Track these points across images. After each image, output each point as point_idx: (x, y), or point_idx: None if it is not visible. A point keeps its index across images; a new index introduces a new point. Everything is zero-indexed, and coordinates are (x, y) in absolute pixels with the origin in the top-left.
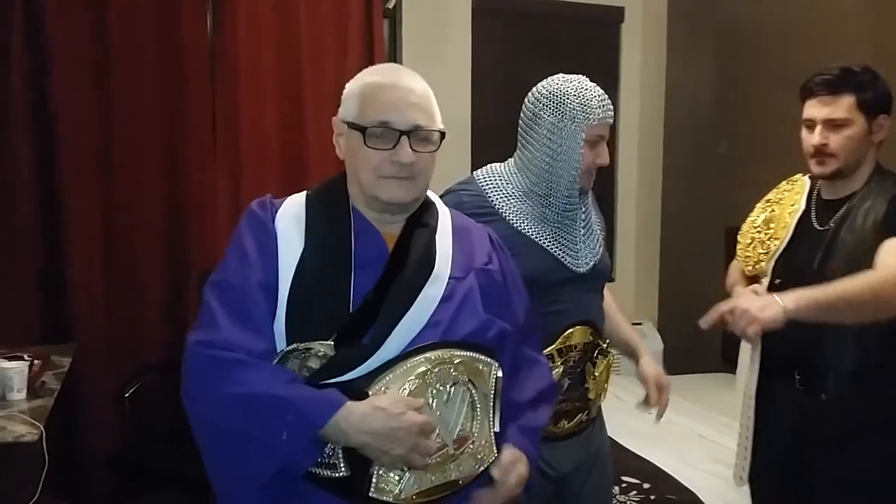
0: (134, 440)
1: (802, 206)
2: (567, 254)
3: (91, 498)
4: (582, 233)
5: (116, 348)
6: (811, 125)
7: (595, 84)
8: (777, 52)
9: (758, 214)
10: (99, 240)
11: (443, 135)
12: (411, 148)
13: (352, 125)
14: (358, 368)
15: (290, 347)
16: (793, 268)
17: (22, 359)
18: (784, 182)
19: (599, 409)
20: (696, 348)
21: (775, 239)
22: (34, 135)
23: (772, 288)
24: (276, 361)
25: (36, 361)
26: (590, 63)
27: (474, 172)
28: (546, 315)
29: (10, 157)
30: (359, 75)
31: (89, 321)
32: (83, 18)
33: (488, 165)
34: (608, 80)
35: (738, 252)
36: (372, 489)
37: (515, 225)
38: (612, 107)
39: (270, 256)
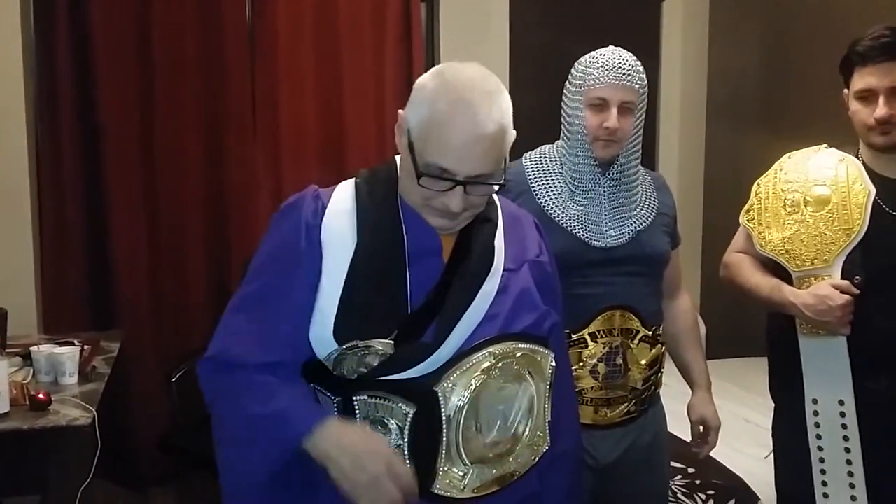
0: (182, 422)
1: (872, 187)
2: (590, 232)
3: (141, 479)
4: (607, 209)
5: (162, 333)
6: (869, 95)
7: (622, 52)
8: (824, 28)
9: (787, 198)
10: (143, 227)
11: (502, 186)
12: (466, 192)
13: (411, 147)
14: (420, 366)
15: (349, 345)
16: (877, 262)
17: (72, 344)
18: (793, 156)
19: (654, 399)
20: (741, 332)
21: (844, 229)
22: (80, 128)
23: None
24: (333, 359)
25: (86, 347)
26: (630, 43)
27: (525, 154)
28: (576, 297)
29: (57, 147)
30: (436, 83)
31: (135, 307)
32: (125, 7)
33: (541, 146)
34: (649, 59)
35: (773, 248)
36: (437, 485)
37: (542, 204)
38: (624, 70)
39: (310, 267)
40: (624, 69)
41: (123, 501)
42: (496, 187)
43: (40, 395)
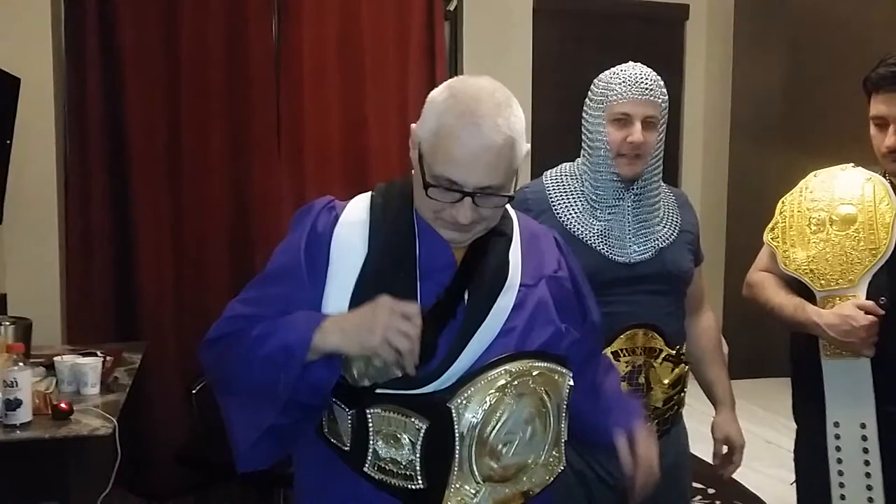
0: (201, 435)
1: None
2: (614, 248)
3: (159, 490)
4: (630, 224)
5: (184, 346)
6: (882, 123)
7: (643, 67)
8: (848, 47)
9: (812, 217)
10: (167, 241)
11: (511, 198)
12: (476, 204)
13: (420, 159)
14: (434, 381)
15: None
16: None
17: (95, 355)
18: (819, 174)
19: (676, 419)
20: (763, 351)
21: (870, 249)
22: (108, 141)
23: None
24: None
25: (108, 358)
26: (654, 61)
27: (545, 172)
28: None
29: (85, 163)
30: (444, 96)
31: (158, 320)
32: (154, 26)
33: (561, 164)
34: (673, 77)
35: (797, 267)
36: (448, 502)
37: (564, 222)
38: (647, 85)
39: (317, 272)
40: (646, 84)
41: None
42: (506, 199)
43: (62, 405)
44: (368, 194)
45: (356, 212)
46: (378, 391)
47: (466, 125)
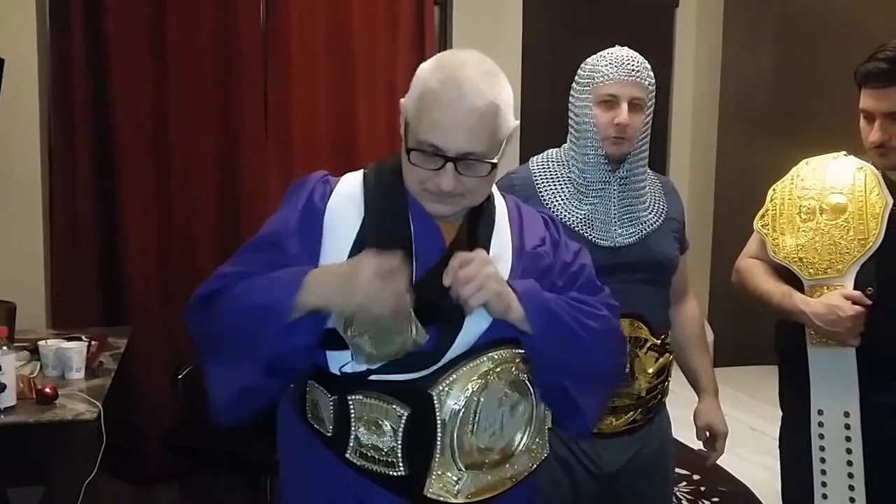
0: (187, 420)
1: (889, 198)
2: (599, 231)
3: (145, 476)
4: (616, 207)
5: (170, 331)
6: (869, 117)
7: (629, 50)
8: (838, 35)
9: (803, 205)
10: (153, 225)
11: (494, 166)
12: (459, 172)
13: (406, 128)
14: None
15: None
16: (891, 274)
17: (80, 339)
18: (810, 162)
19: (660, 407)
20: (749, 339)
21: (860, 239)
22: (93, 124)
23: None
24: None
25: (93, 342)
26: (643, 48)
27: (532, 157)
28: None
29: (70, 146)
30: (432, 65)
31: (145, 305)
32: (140, 9)
33: (548, 150)
34: (662, 64)
35: (786, 255)
36: (430, 489)
37: (550, 208)
38: (633, 67)
39: (312, 241)
40: (633, 65)
41: (127, 497)
42: (490, 167)
43: (47, 389)
44: (360, 171)
45: (349, 185)
46: (363, 377)
47: (450, 89)
